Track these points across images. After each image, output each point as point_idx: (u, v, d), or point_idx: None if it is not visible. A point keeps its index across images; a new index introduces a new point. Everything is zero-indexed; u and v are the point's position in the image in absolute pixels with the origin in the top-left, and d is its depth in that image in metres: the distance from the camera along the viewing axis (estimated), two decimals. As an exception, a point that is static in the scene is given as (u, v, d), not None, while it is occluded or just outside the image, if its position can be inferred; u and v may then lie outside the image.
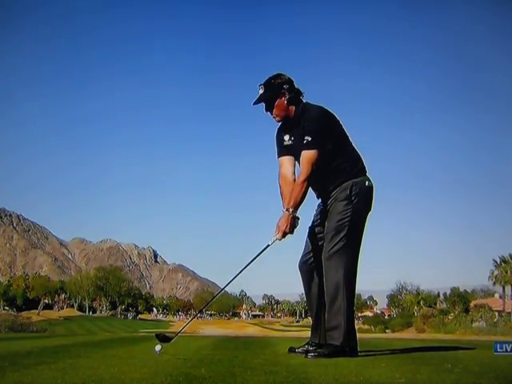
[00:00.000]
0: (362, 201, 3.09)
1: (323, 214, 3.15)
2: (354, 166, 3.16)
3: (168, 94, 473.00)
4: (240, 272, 2.99)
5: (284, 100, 3.08)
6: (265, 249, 2.95)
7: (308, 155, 2.98)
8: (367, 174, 3.17)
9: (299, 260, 3.23)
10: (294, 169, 3.17)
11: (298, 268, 3.23)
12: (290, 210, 2.93)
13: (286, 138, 3.17)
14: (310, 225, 3.27)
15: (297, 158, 3.14)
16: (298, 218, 2.98)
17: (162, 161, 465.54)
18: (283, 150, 3.20)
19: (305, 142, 2.98)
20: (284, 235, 2.93)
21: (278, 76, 3.13)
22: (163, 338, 3.00)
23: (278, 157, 3.23)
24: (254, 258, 2.95)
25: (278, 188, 3.15)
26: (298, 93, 3.13)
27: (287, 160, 3.18)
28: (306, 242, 3.23)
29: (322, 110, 3.12)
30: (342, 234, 2.99)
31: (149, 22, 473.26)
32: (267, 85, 3.11)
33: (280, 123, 3.24)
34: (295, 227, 2.96)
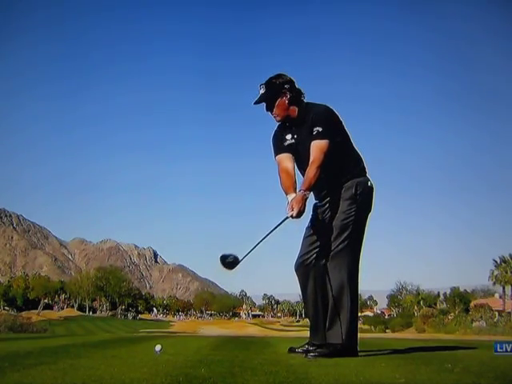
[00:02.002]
0: (366, 201, 3.09)
1: (324, 213, 3.15)
2: (357, 165, 3.17)
3: (169, 96, 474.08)
4: (259, 243, 2.88)
5: (285, 100, 3.08)
6: (283, 221, 2.85)
7: (320, 144, 2.94)
8: (367, 175, 3.18)
9: (295, 261, 3.19)
10: (294, 165, 3.15)
11: (295, 269, 3.19)
12: (303, 191, 2.86)
13: (289, 137, 3.16)
14: (306, 225, 3.23)
15: (298, 156, 3.13)
16: None
17: (163, 163, 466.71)
18: (284, 149, 3.18)
19: (315, 132, 2.96)
20: (298, 214, 2.82)
21: (280, 76, 3.13)
22: (233, 261, 2.87)
23: (277, 155, 3.20)
24: (273, 230, 2.86)
25: (276, 191, 3.10)
26: (299, 93, 3.13)
27: (287, 156, 3.16)
28: (303, 242, 3.19)
29: (329, 106, 3.13)
30: (346, 234, 2.98)
31: (149, 24, 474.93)
32: (268, 84, 3.11)
33: (278, 125, 3.24)
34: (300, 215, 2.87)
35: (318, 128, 2.96)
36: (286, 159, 3.16)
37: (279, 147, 3.20)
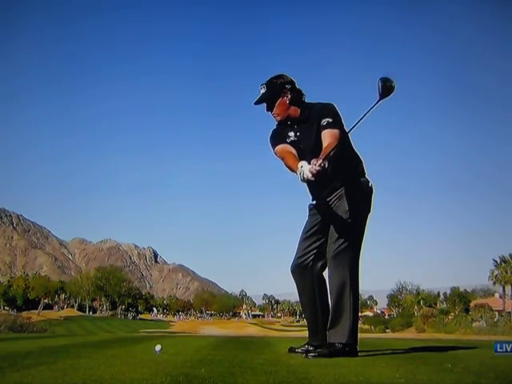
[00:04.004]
0: (367, 201, 3.10)
1: (324, 213, 3.13)
2: (358, 165, 3.17)
3: (169, 98, 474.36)
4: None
5: (286, 100, 3.08)
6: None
7: (332, 132, 2.88)
8: (366, 176, 3.18)
9: (292, 263, 3.18)
10: (296, 152, 3.04)
11: (291, 271, 3.18)
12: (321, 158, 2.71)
13: (291, 134, 3.13)
14: (304, 226, 3.22)
15: (301, 154, 3.05)
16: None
17: (163, 164, 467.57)
18: (285, 143, 3.10)
19: (325, 123, 2.92)
20: (320, 171, 2.64)
21: (280, 76, 3.14)
22: (393, 86, 2.66)
23: (278, 145, 3.09)
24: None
25: (276, 191, 3.08)
26: (300, 93, 3.13)
27: (288, 146, 3.08)
28: (300, 243, 3.18)
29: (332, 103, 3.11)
30: (348, 233, 2.98)
31: (149, 26, 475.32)
32: (269, 84, 3.10)
33: (277, 124, 3.21)
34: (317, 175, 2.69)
35: (327, 119, 2.93)
36: (288, 147, 3.08)
37: (280, 141, 3.12)
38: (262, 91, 3.11)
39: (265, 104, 3.14)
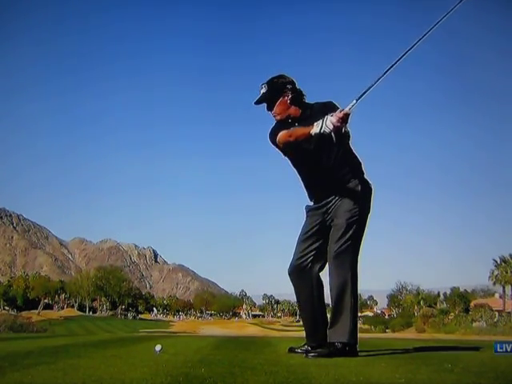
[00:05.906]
0: (367, 201, 3.10)
1: (324, 213, 3.13)
2: (359, 166, 3.17)
3: (169, 95, 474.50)
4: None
5: (287, 99, 3.07)
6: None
7: None
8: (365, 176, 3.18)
9: (290, 264, 3.16)
10: None
11: (289, 273, 3.16)
12: None
13: None
14: (302, 228, 3.20)
15: (303, 151, 3.05)
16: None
17: (163, 162, 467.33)
18: None
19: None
20: (342, 117, 2.72)
21: (281, 76, 3.13)
22: None
23: (279, 132, 3.03)
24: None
25: (276, 190, 3.07)
26: (301, 94, 3.12)
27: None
28: (298, 245, 3.17)
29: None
30: (350, 233, 2.98)
31: (148, 22, 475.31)
32: (270, 84, 3.10)
33: (276, 122, 3.18)
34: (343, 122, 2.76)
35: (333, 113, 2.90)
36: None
37: (283, 129, 3.04)
38: (263, 91, 3.10)
39: (265, 103, 3.13)
